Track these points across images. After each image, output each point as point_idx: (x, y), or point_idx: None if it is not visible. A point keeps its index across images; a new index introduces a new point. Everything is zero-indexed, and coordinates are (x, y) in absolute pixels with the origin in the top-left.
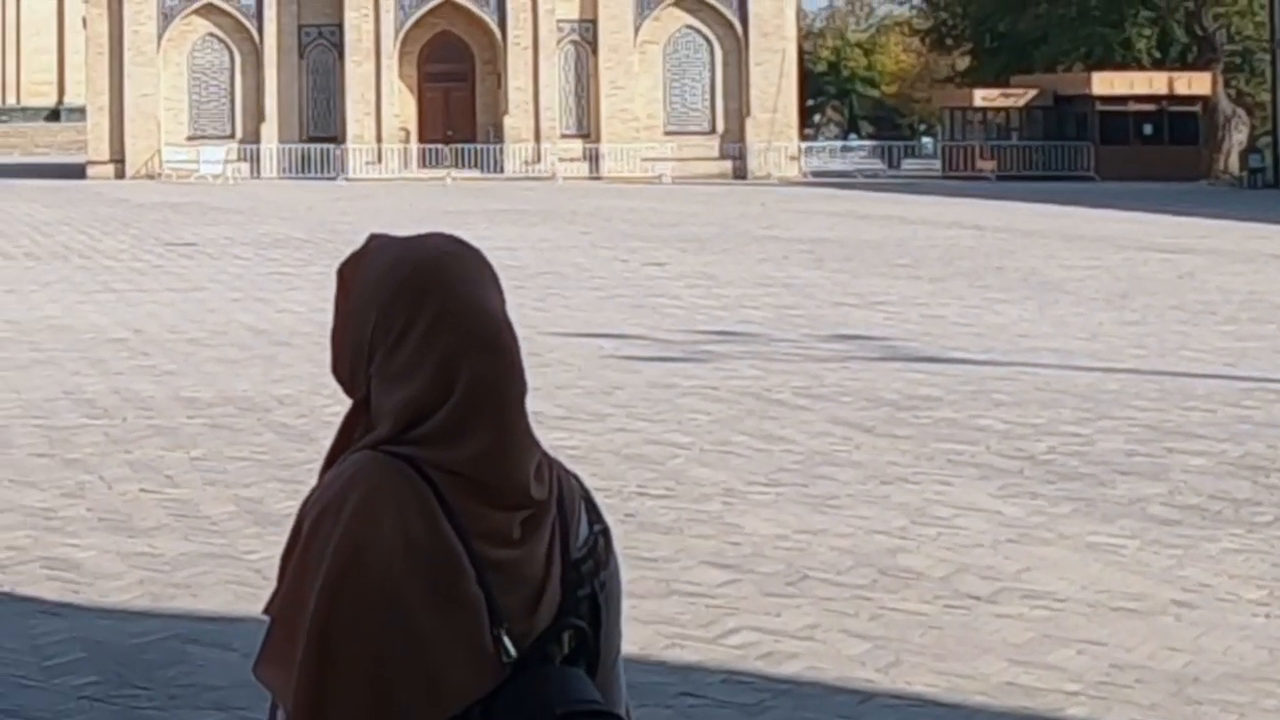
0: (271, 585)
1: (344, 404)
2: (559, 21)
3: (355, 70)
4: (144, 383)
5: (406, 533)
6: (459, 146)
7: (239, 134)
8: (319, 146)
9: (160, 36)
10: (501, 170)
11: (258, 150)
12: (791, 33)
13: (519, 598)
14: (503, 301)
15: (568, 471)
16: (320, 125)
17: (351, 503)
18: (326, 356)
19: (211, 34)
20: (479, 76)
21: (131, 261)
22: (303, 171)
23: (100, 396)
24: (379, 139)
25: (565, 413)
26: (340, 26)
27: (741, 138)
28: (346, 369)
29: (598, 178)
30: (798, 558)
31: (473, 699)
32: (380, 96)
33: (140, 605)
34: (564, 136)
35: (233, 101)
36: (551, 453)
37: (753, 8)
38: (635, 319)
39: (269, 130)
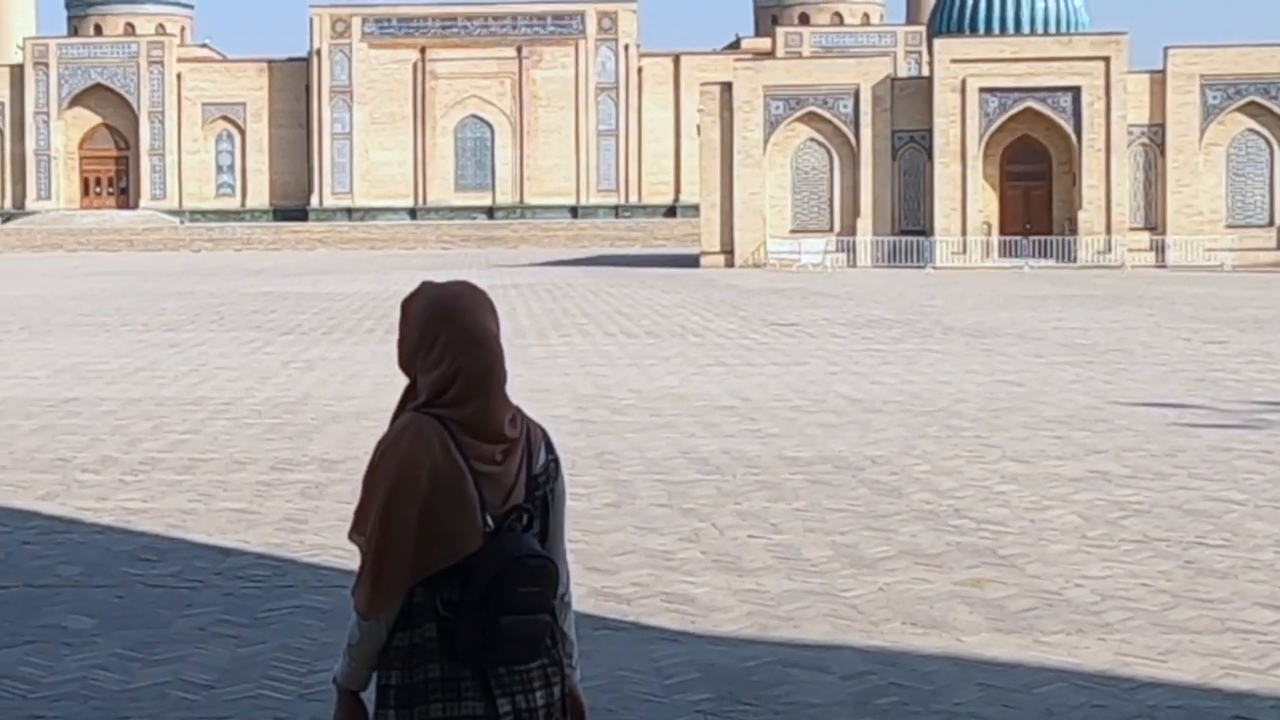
0: (862, 620)
1: (899, 461)
2: (1130, 126)
3: (943, 170)
4: (751, 444)
5: (434, 458)
6: (1036, 238)
7: (837, 227)
8: (909, 239)
9: (766, 141)
10: (1074, 260)
11: (854, 242)
12: None
13: (498, 495)
14: (496, 322)
15: (535, 423)
16: (910, 219)
17: (403, 441)
18: (916, 422)
19: (813, 139)
20: (1055, 175)
21: (740, 339)
22: (894, 261)
23: (713, 455)
24: (963, 231)
25: (1131, 472)
26: (930, 132)
27: None
28: (405, 363)
29: (1163, 266)
30: None
31: (470, 551)
32: (965, 194)
33: (748, 634)
34: (1132, 229)
35: (831, 198)
36: (1116, 506)
37: None
38: (1196, 391)
39: (864, 224)
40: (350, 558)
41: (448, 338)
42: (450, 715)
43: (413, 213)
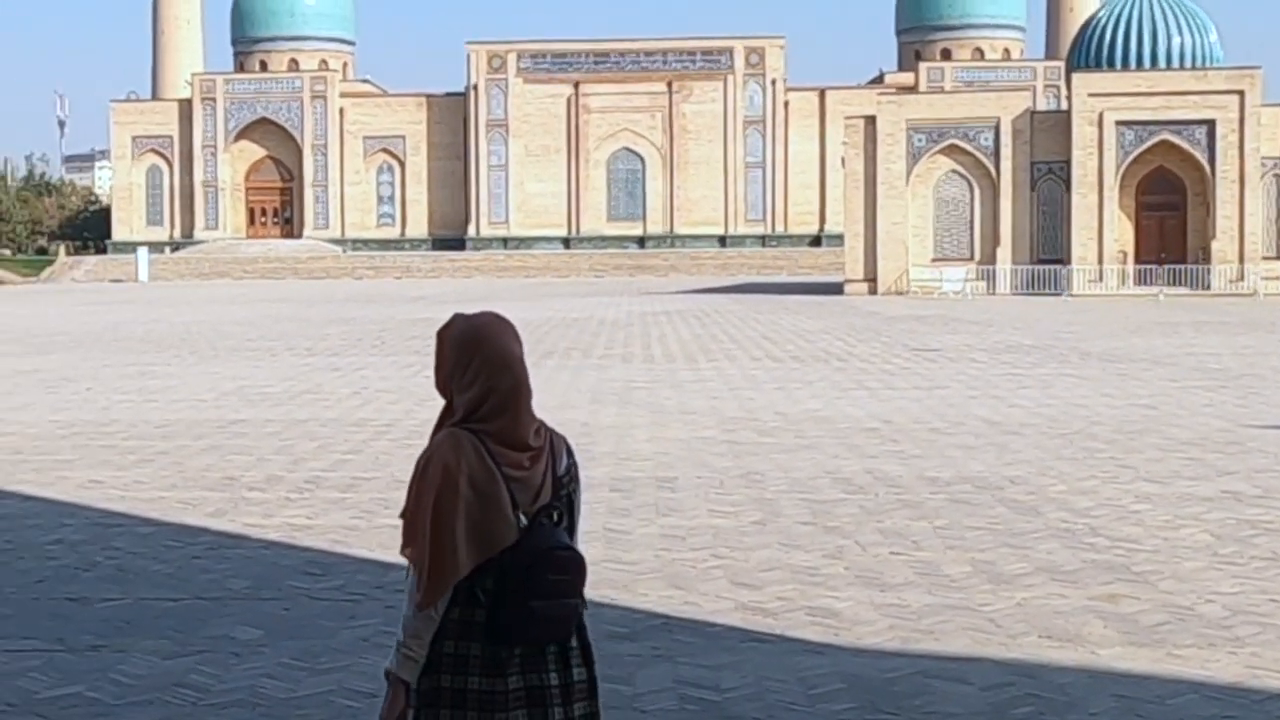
0: (1000, 634)
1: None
2: (1263, 158)
3: (1080, 201)
4: (892, 464)
5: (470, 465)
6: (1170, 267)
7: (976, 256)
8: (1046, 267)
9: (909, 173)
10: (1208, 288)
11: (993, 270)
12: None
13: (527, 495)
14: (521, 347)
15: (557, 433)
16: (1048, 248)
17: (443, 453)
18: (1053, 444)
19: (954, 170)
20: (1189, 206)
21: (882, 364)
22: (1031, 288)
23: (855, 476)
24: (1100, 260)
25: (1262, 492)
26: (1068, 163)
27: None
28: (443, 386)
29: None
30: None
31: (506, 544)
32: (1102, 223)
33: (890, 646)
34: (1265, 258)
35: (971, 228)
36: (1247, 525)
37: None
38: None
39: (1003, 253)
40: None
41: (480, 362)
42: (458, 686)
43: (566, 242)
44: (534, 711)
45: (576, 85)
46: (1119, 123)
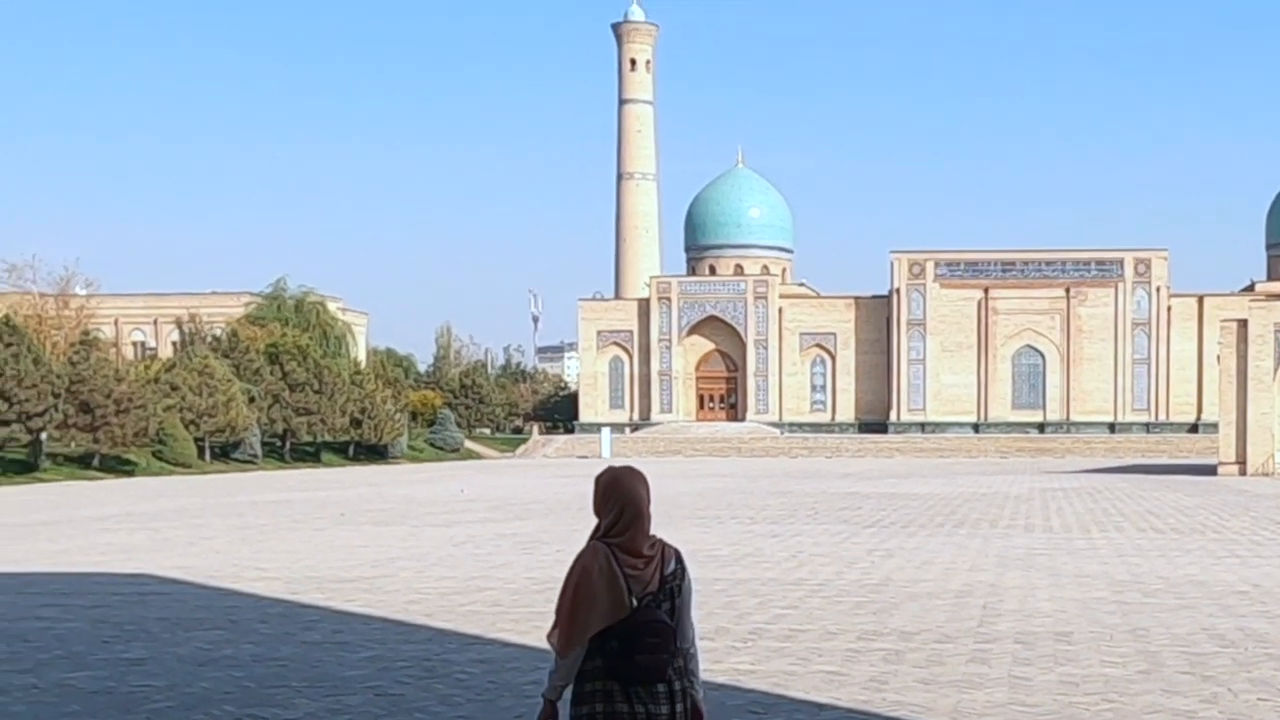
0: None
1: None
2: None
3: None
4: (1260, 622)
5: (600, 565)
6: None
7: None
8: None
9: (1276, 369)
10: None
11: None
12: None
13: (640, 586)
14: (647, 489)
15: (671, 547)
16: None
17: (584, 557)
18: None
19: None
20: None
21: (1251, 535)
22: None
23: (1228, 632)
24: None
25: None
26: None
27: None
28: (597, 510)
29: None
30: None
31: (621, 617)
32: None
33: None
34: None
35: None
36: None
37: None
38: None
39: None
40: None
41: (615, 497)
42: (605, 712)
43: (975, 427)
44: None
45: (986, 290)
46: None
